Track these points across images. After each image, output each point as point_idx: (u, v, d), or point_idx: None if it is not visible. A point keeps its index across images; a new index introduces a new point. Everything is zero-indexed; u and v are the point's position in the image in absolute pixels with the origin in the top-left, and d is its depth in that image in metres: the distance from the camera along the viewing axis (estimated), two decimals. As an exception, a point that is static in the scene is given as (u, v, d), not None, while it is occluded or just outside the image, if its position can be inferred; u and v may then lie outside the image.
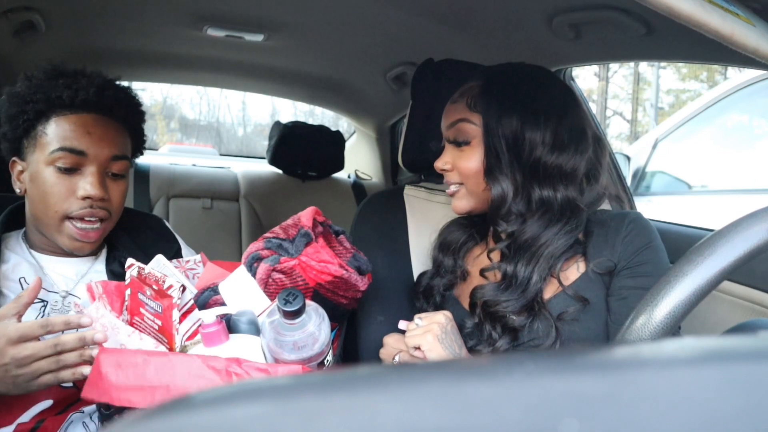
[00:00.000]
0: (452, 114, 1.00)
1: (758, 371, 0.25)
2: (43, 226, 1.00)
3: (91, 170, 0.97)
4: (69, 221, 0.97)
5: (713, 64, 1.33)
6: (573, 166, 0.93)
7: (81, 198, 0.96)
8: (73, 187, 0.96)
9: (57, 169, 0.96)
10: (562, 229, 0.92)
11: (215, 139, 17.77)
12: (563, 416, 0.22)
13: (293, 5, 1.46)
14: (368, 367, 0.26)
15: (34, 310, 0.97)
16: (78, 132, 0.97)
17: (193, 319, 0.82)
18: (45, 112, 0.97)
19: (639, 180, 2.96)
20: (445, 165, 1.00)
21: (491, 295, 0.93)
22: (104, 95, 1.01)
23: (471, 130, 0.97)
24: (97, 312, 0.79)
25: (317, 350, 0.77)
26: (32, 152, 0.99)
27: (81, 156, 0.97)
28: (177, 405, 0.23)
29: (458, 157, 0.98)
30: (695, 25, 0.53)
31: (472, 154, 0.97)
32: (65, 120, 0.97)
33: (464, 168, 0.97)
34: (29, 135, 0.99)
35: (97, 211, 0.98)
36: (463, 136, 0.97)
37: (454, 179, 1.00)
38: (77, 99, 0.98)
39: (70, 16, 1.48)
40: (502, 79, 1.00)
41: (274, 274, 0.88)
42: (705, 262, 0.46)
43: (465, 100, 0.98)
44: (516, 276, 0.92)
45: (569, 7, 1.11)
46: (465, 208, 1.01)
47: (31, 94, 0.97)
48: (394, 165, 2.55)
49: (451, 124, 0.99)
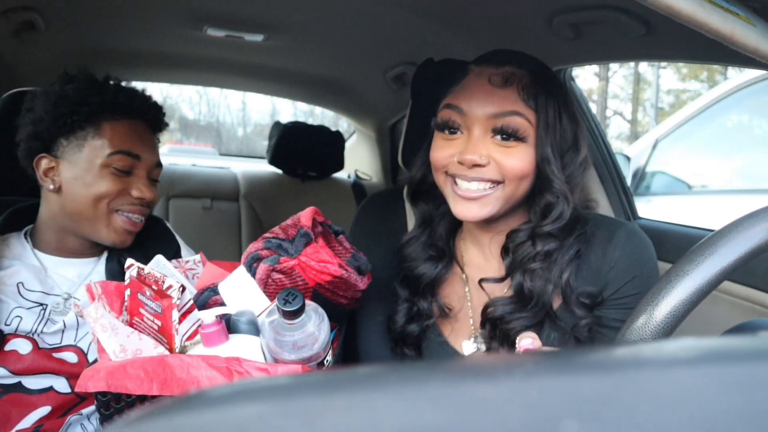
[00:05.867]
0: (501, 102, 0.84)
1: (758, 371, 0.25)
2: (83, 221, 1.03)
3: (141, 173, 1.06)
4: (118, 214, 1.04)
5: (713, 64, 1.33)
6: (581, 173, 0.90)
7: (135, 198, 1.04)
8: (125, 187, 1.04)
9: (113, 170, 1.02)
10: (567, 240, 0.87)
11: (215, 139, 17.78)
12: (563, 416, 0.22)
13: (293, 5, 1.46)
14: (368, 367, 0.26)
15: (34, 314, 0.97)
16: (134, 137, 1.05)
17: (193, 319, 0.82)
18: (97, 114, 1.02)
19: (639, 180, 2.96)
20: (482, 159, 0.83)
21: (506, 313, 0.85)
22: (149, 105, 1.09)
23: (524, 126, 0.83)
24: (97, 312, 0.79)
25: (317, 350, 0.77)
26: (75, 152, 1.02)
27: (135, 159, 1.05)
28: (177, 404, 0.23)
29: (502, 152, 0.83)
30: (695, 25, 0.53)
31: (523, 154, 0.83)
32: (120, 125, 1.04)
33: (510, 166, 0.83)
34: (74, 135, 1.02)
35: (144, 209, 1.07)
36: (514, 129, 0.83)
37: (489, 175, 0.84)
38: (133, 106, 1.06)
39: (70, 16, 1.48)
40: (547, 74, 0.90)
41: (274, 274, 0.88)
42: (705, 262, 0.46)
43: (516, 90, 0.84)
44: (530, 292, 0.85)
45: (569, 7, 1.11)
46: (484, 215, 0.86)
47: (84, 97, 1.02)
48: (394, 165, 2.55)
49: (501, 114, 0.83)
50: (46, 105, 1.02)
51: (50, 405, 0.94)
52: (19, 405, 0.92)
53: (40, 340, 0.97)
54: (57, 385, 0.96)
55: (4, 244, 1.03)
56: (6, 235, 1.05)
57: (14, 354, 0.94)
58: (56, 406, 0.94)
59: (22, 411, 0.92)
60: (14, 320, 0.95)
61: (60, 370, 0.96)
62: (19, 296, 0.98)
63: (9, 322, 0.95)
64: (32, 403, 0.93)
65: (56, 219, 1.04)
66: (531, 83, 0.85)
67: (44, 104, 1.02)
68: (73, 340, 0.99)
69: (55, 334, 0.98)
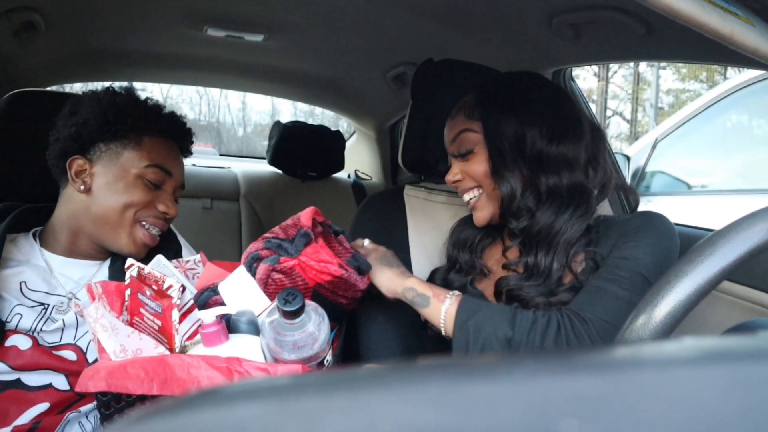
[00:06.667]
0: (453, 128, 1.04)
1: (758, 371, 0.25)
2: (105, 226, 1.05)
3: (169, 189, 1.11)
4: (141, 226, 1.07)
5: (713, 64, 1.33)
6: (574, 153, 0.96)
7: (160, 212, 1.08)
8: (153, 199, 1.08)
9: (145, 182, 1.07)
10: (574, 214, 0.94)
11: (215, 139, 17.75)
12: (563, 416, 0.22)
13: (293, 5, 1.45)
14: (368, 367, 0.26)
15: (35, 313, 0.98)
16: (170, 155, 1.11)
17: (193, 319, 0.82)
18: (141, 128, 1.07)
19: (639, 180, 2.96)
20: (455, 177, 1.03)
21: (515, 285, 0.95)
22: (185, 129, 1.16)
23: (473, 137, 1.00)
24: (97, 312, 0.79)
25: (317, 350, 0.77)
26: (111, 158, 1.05)
27: (168, 176, 1.10)
28: (177, 404, 0.23)
29: (465, 166, 1.01)
30: (695, 25, 0.53)
31: (478, 160, 0.99)
32: (159, 142, 1.09)
33: (473, 173, 1.00)
34: (114, 142, 1.06)
35: (164, 224, 1.11)
36: (466, 145, 1.01)
37: (468, 185, 1.02)
38: (173, 127, 1.13)
39: (70, 16, 1.48)
40: (495, 86, 1.04)
41: (274, 274, 0.88)
42: (705, 262, 0.46)
43: (463, 113, 1.02)
44: (537, 266, 0.94)
45: (569, 7, 1.11)
46: (486, 218, 1.02)
47: (132, 109, 1.06)
48: (394, 165, 2.55)
49: (454, 138, 1.03)
50: (94, 110, 1.05)
51: (49, 402, 0.94)
52: (17, 401, 0.92)
53: (40, 339, 0.97)
54: (56, 383, 0.96)
55: (13, 243, 1.04)
56: (14, 234, 1.06)
57: (14, 349, 0.94)
58: (55, 403, 0.94)
59: (20, 407, 0.92)
60: (14, 317, 0.96)
61: (59, 367, 0.96)
62: (21, 294, 0.99)
63: (9, 319, 0.95)
64: (31, 400, 0.93)
65: (77, 219, 1.06)
66: (476, 102, 1.01)
67: (92, 109, 1.06)
68: (72, 338, 1.00)
69: (55, 333, 0.98)
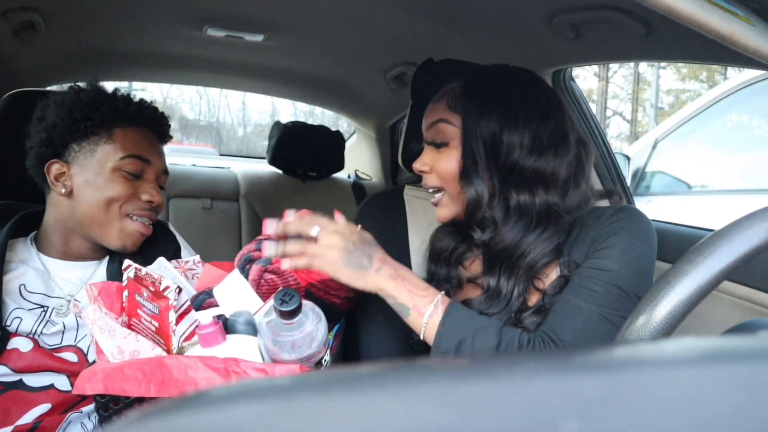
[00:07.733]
0: (432, 114, 0.96)
1: (758, 371, 0.25)
2: (93, 224, 1.04)
3: (150, 178, 1.09)
4: (130, 219, 1.06)
5: (713, 64, 1.33)
6: (552, 170, 0.88)
7: (144, 201, 1.06)
8: (135, 191, 1.06)
9: (123, 174, 1.05)
10: (541, 236, 0.88)
11: (215, 139, 17.76)
12: (563, 416, 0.22)
13: (293, 5, 1.45)
14: (368, 367, 0.26)
15: (34, 315, 0.98)
16: (144, 143, 1.08)
17: (190, 320, 0.82)
18: (110, 121, 1.06)
19: (639, 180, 2.96)
20: (423, 166, 0.96)
21: (477, 309, 0.89)
22: (157, 115, 1.14)
23: (450, 131, 0.93)
24: (94, 314, 0.79)
25: (315, 349, 0.77)
26: (86, 156, 1.04)
27: (146, 164, 1.08)
28: (176, 405, 0.23)
29: (436, 158, 0.95)
30: (695, 25, 0.53)
31: (450, 156, 0.93)
32: (131, 131, 1.08)
33: (441, 170, 0.94)
34: (86, 140, 1.05)
35: (152, 214, 1.09)
36: (441, 136, 0.94)
37: (432, 182, 0.96)
38: (144, 114, 1.10)
39: (70, 16, 1.48)
40: (484, 80, 0.96)
41: (266, 274, 0.88)
42: (705, 262, 0.46)
43: (445, 101, 0.95)
44: (498, 290, 0.89)
45: (569, 7, 1.11)
46: (448, 216, 0.96)
47: (98, 104, 1.05)
48: (394, 165, 2.55)
49: (431, 124, 0.96)
50: (60, 111, 1.05)
51: (50, 402, 0.94)
52: (19, 402, 0.93)
53: (40, 341, 0.97)
54: (58, 383, 0.96)
55: (11, 249, 1.04)
56: (13, 240, 1.06)
57: (15, 352, 0.94)
58: (56, 403, 0.94)
59: (22, 408, 0.92)
60: (14, 321, 0.96)
61: (61, 368, 0.96)
62: (20, 298, 0.99)
63: (9, 323, 0.95)
64: (32, 401, 0.93)
65: (65, 222, 1.06)
66: (461, 92, 0.94)
67: (58, 111, 1.05)
68: (73, 340, 1.00)
69: (55, 335, 0.98)
